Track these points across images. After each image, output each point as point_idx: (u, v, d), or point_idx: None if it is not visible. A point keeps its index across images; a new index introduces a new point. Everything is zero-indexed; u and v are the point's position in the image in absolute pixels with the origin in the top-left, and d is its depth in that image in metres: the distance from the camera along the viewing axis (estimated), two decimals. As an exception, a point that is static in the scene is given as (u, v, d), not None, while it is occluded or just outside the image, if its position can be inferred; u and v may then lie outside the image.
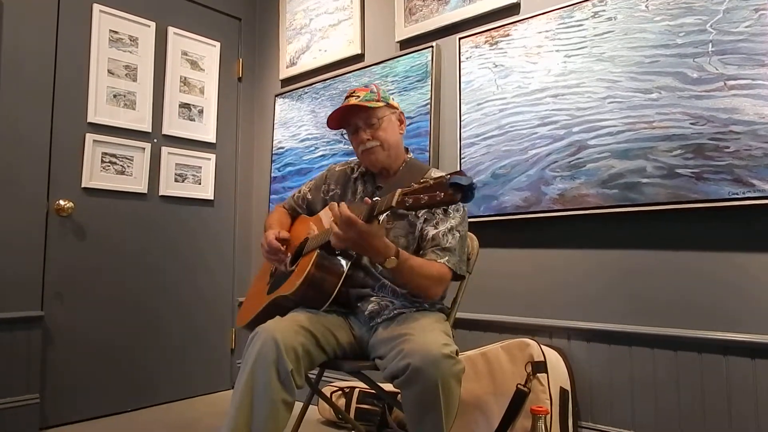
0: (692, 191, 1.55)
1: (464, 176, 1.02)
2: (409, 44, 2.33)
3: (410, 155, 1.62)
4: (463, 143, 2.06)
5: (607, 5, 1.75)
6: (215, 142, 2.87)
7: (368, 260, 1.47)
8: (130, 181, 2.52)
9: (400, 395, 1.24)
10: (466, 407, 1.74)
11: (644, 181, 1.63)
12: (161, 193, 2.63)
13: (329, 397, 2.12)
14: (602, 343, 1.74)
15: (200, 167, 2.80)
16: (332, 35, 2.65)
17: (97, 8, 2.43)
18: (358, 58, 2.54)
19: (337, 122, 1.56)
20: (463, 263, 1.46)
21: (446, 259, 1.40)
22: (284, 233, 1.59)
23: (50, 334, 2.24)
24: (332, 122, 1.56)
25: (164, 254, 2.64)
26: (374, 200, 1.22)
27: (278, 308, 1.45)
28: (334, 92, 2.58)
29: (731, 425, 1.50)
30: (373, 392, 2.06)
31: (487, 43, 2.04)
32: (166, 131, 2.66)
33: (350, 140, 1.59)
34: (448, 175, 1.04)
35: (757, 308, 1.49)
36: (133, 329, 2.50)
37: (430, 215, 1.45)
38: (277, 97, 2.89)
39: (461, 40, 2.12)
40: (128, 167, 2.52)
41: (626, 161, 1.67)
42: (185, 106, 2.76)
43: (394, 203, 1.11)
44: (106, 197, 2.44)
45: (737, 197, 1.48)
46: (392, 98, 1.60)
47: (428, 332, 1.27)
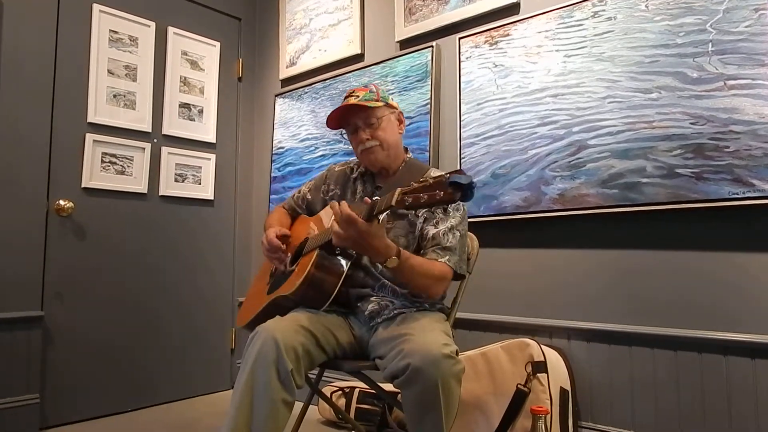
0: (692, 191, 1.55)
1: (464, 175, 1.02)
2: (409, 44, 2.33)
3: (410, 155, 1.62)
4: (463, 143, 2.06)
5: (606, 5, 1.75)
6: (215, 142, 2.87)
7: (368, 260, 1.47)
8: (130, 181, 2.52)
9: (400, 395, 1.24)
10: (466, 407, 1.74)
11: (644, 180, 1.63)
12: (161, 193, 2.63)
13: (329, 397, 2.12)
14: (602, 343, 1.74)
15: (200, 167, 2.80)
16: (332, 35, 2.65)
17: (96, 8, 2.43)
18: (358, 57, 2.54)
19: (336, 122, 1.56)
20: (463, 262, 1.47)
21: (447, 258, 1.40)
22: (285, 230, 1.59)
23: (50, 334, 2.24)
24: (331, 122, 1.56)
25: (164, 254, 2.64)
26: (374, 199, 1.22)
27: (278, 308, 1.45)
28: (334, 92, 2.58)
29: (731, 425, 1.50)
30: (373, 392, 2.06)
31: (487, 42, 2.04)
32: (166, 131, 2.66)
33: (349, 140, 1.59)
34: (447, 174, 1.04)
35: (757, 308, 1.49)
36: (133, 329, 2.50)
37: (430, 214, 1.46)
38: (277, 97, 2.89)
39: (461, 39, 2.12)
40: (128, 167, 2.52)
41: (626, 161, 1.67)
42: (185, 106, 2.76)
43: (393, 202, 1.11)
44: (106, 197, 2.44)
45: (737, 197, 1.48)
46: (391, 98, 1.60)
47: (428, 332, 1.27)
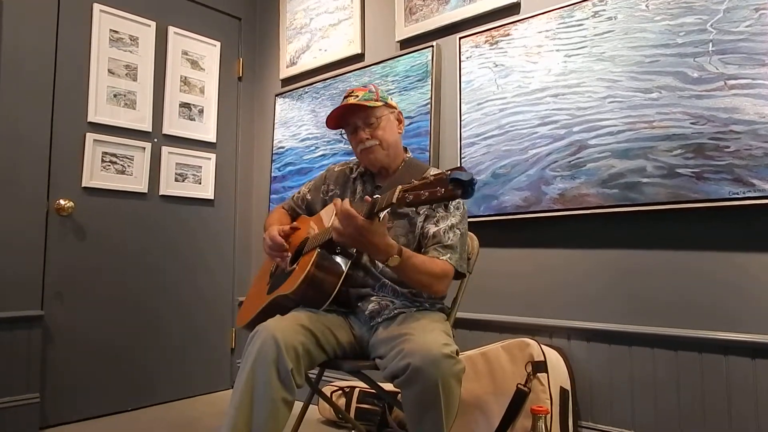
0: (692, 191, 1.55)
1: (465, 172, 1.02)
2: (409, 44, 2.33)
3: (409, 155, 1.62)
4: (463, 143, 2.06)
5: (607, 5, 1.75)
6: (215, 141, 2.87)
7: (368, 259, 1.47)
8: (130, 180, 2.52)
9: (400, 395, 1.24)
10: (466, 407, 1.74)
11: (644, 180, 1.63)
12: (161, 192, 2.63)
13: (329, 396, 2.12)
14: (602, 342, 1.74)
15: (200, 167, 2.80)
16: (332, 35, 2.65)
17: (97, 8, 2.43)
18: (358, 57, 2.54)
19: (335, 122, 1.56)
20: (464, 261, 1.47)
21: (448, 256, 1.40)
22: (287, 228, 1.59)
23: (50, 333, 2.24)
24: (331, 122, 1.55)
25: (164, 254, 2.64)
26: (374, 197, 1.22)
27: (278, 308, 1.45)
28: (334, 92, 2.58)
29: (731, 425, 1.50)
30: (373, 392, 2.06)
31: (487, 42, 2.04)
32: (166, 131, 2.66)
33: (349, 140, 1.59)
34: (448, 171, 1.04)
35: (757, 308, 1.49)
36: (133, 329, 2.50)
37: (430, 212, 1.46)
38: (277, 96, 2.89)
39: (461, 39, 2.12)
40: (128, 167, 2.52)
41: (626, 161, 1.67)
42: (185, 105, 2.76)
43: (394, 200, 1.11)
44: (106, 197, 2.44)
45: (737, 197, 1.48)
46: (391, 98, 1.60)
47: (428, 332, 1.27)
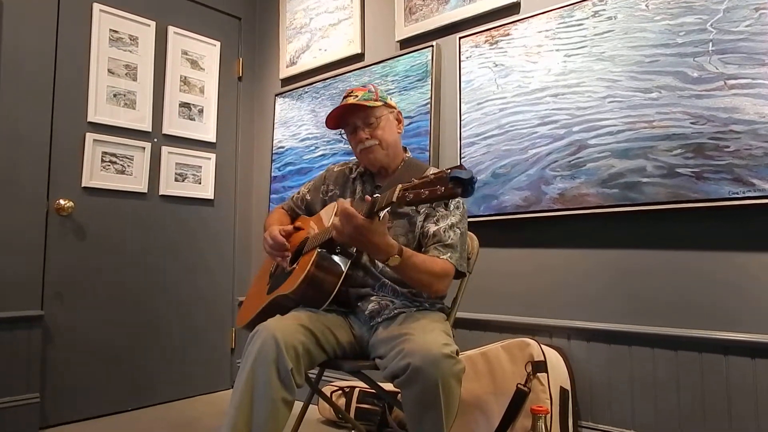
0: (692, 191, 1.55)
1: (465, 170, 1.02)
2: (409, 44, 2.33)
3: (408, 154, 1.62)
4: (463, 143, 2.06)
5: (607, 4, 1.75)
6: (215, 141, 2.87)
7: (368, 259, 1.47)
8: (130, 180, 2.52)
9: (400, 395, 1.24)
10: (466, 407, 1.74)
11: (644, 180, 1.63)
12: (161, 192, 2.63)
13: (329, 396, 2.12)
14: (602, 342, 1.74)
15: (200, 167, 2.80)
16: (332, 34, 2.65)
17: (97, 8, 2.43)
18: (358, 57, 2.54)
19: (335, 122, 1.56)
20: (464, 260, 1.47)
21: (449, 255, 1.40)
22: (289, 227, 1.59)
23: (50, 333, 2.24)
24: (330, 122, 1.55)
25: (164, 254, 2.64)
26: (374, 197, 1.22)
27: (278, 307, 1.45)
28: (334, 92, 2.58)
29: (731, 425, 1.50)
30: (373, 392, 2.06)
31: (487, 42, 2.04)
32: (166, 131, 2.66)
33: (348, 140, 1.59)
34: (448, 169, 1.04)
35: (757, 308, 1.49)
36: (133, 329, 2.50)
37: (430, 210, 1.46)
38: (277, 96, 2.89)
39: (461, 39, 2.11)
40: (128, 167, 2.52)
41: (626, 161, 1.67)
42: (185, 105, 2.76)
43: (394, 198, 1.11)
44: (106, 197, 2.44)
45: (737, 197, 1.48)
46: (390, 98, 1.60)
47: (428, 332, 1.27)
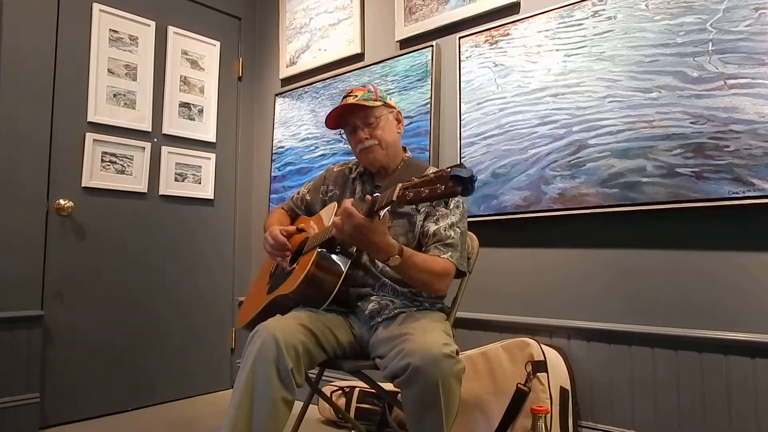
0: (692, 190, 1.55)
1: (465, 168, 1.02)
2: (409, 43, 2.33)
3: (408, 154, 1.62)
4: (463, 142, 2.06)
5: (607, 4, 1.75)
6: (215, 141, 2.87)
7: (368, 259, 1.47)
8: (130, 180, 2.52)
9: (400, 395, 1.24)
10: (466, 407, 1.74)
11: (644, 180, 1.63)
12: (161, 192, 2.63)
13: (329, 396, 2.12)
14: (602, 342, 1.74)
15: (200, 167, 2.80)
16: (332, 34, 2.65)
17: (96, 7, 2.43)
18: (358, 57, 2.54)
19: (334, 122, 1.56)
20: (464, 259, 1.47)
21: (449, 254, 1.40)
22: (292, 228, 1.59)
23: (50, 333, 2.24)
24: (330, 122, 1.55)
25: (164, 254, 2.64)
26: (374, 196, 1.22)
27: (278, 307, 1.45)
28: (334, 91, 2.58)
29: (731, 425, 1.50)
30: (373, 392, 2.06)
31: (487, 42, 2.04)
32: (166, 131, 2.66)
33: (348, 140, 1.59)
34: (448, 168, 1.04)
35: (757, 308, 1.49)
36: (133, 329, 2.50)
37: (431, 209, 1.46)
38: (277, 96, 2.89)
39: (461, 39, 2.11)
40: (128, 167, 2.52)
41: (626, 160, 1.67)
42: (185, 105, 2.76)
43: (395, 197, 1.11)
44: (106, 197, 2.44)
45: (737, 196, 1.48)
46: (390, 98, 1.60)
47: (428, 332, 1.27)
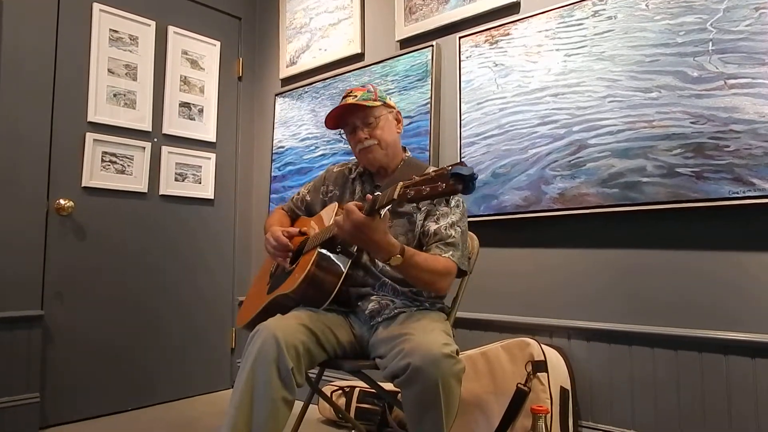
0: (692, 190, 1.55)
1: (465, 167, 1.02)
2: (409, 43, 2.33)
3: (408, 154, 1.62)
4: (463, 142, 2.06)
5: (607, 4, 1.75)
6: (215, 141, 2.87)
7: (368, 259, 1.47)
8: (130, 180, 2.52)
9: (400, 394, 1.24)
10: (466, 406, 1.74)
11: (644, 180, 1.63)
12: (161, 192, 2.63)
13: (329, 396, 2.12)
14: (602, 342, 1.74)
15: (200, 166, 2.80)
16: (332, 34, 2.65)
17: (97, 7, 2.43)
18: (358, 57, 2.54)
19: (334, 122, 1.56)
20: (465, 258, 1.47)
21: (450, 253, 1.40)
22: (294, 230, 1.59)
23: (50, 333, 2.24)
24: (330, 122, 1.55)
25: (164, 254, 2.64)
26: (375, 195, 1.22)
27: (279, 307, 1.45)
28: (334, 91, 2.58)
29: (731, 425, 1.50)
30: (373, 391, 2.06)
31: (487, 42, 2.04)
32: (166, 130, 2.66)
33: (348, 140, 1.59)
34: (449, 166, 1.04)
35: (757, 308, 1.49)
36: (133, 329, 2.50)
37: (431, 208, 1.46)
38: (277, 96, 2.89)
39: (461, 39, 2.11)
40: (128, 166, 2.52)
41: (626, 160, 1.67)
42: (185, 105, 2.76)
43: (395, 196, 1.11)
44: (106, 196, 2.44)
45: (737, 196, 1.48)
46: (389, 98, 1.60)
47: (429, 332, 1.27)
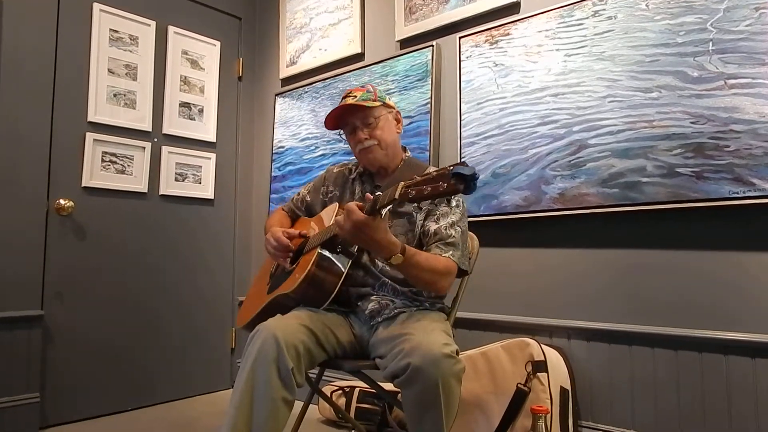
0: (692, 190, 1.55)
1: (467, 166, 1.02)
2: (409, 43, 2.33)
3: (408, 154, 1.62)
4: (463, 142, 2.06)
5: (607, 4, 1.75)
6: (215, 141, 2.87)
7: (368, 259, 1.47)
8: (130, 180, 2.52)
9: (400, 394, 1.24)
10: (466, 406, 1.74)
11: (644, 180, 1.63)
12: (161, 192, 2.63)
13: (329, 396, 2.12)
14: (602, 342, 1.74)
15: (200, 166, 2.80)
16: (332, 34, 2.65)
17: (97, 7, 2.43)
18: (358, 57, 2.54)
19: (334, 122, 1.56)
20: (465, 258, 1.47)
21: (450, 253, 1.40)
22: (295, 232, 1.59)
23: (50, 333, 2.24)
24: (329, 122, 1.55)
25: (164, 254, 2.64)
26: (376, 194, 1.22)
27: (279, 307, 1.45)
28: (334, 91, 2.58)
29: (731, 425, 1.50)
30: (373, 391, 2.06)
31: (487, 42, 2.04)
32: (166, 130, 2.66)
33: (348, 140, 1.59)
34: (450, 166, 1.04)
35: (757, 308, 1.49)
36: (133, 329, 2.50)
37: (431, 207, 1.46)
38: (277, 96, 2.89)
39: (461, 39, 2.11)
40: (128, 166, 2.52)
41: (626, 160, 1.67)
42: (185, 105, 2.76)
43: (397, 195, 1.11)
44: (106, 196, 2.44)
45: (737, 196, 1.48)
46: (389, 98, 1.60)
47: (429, 332, 1.26)
